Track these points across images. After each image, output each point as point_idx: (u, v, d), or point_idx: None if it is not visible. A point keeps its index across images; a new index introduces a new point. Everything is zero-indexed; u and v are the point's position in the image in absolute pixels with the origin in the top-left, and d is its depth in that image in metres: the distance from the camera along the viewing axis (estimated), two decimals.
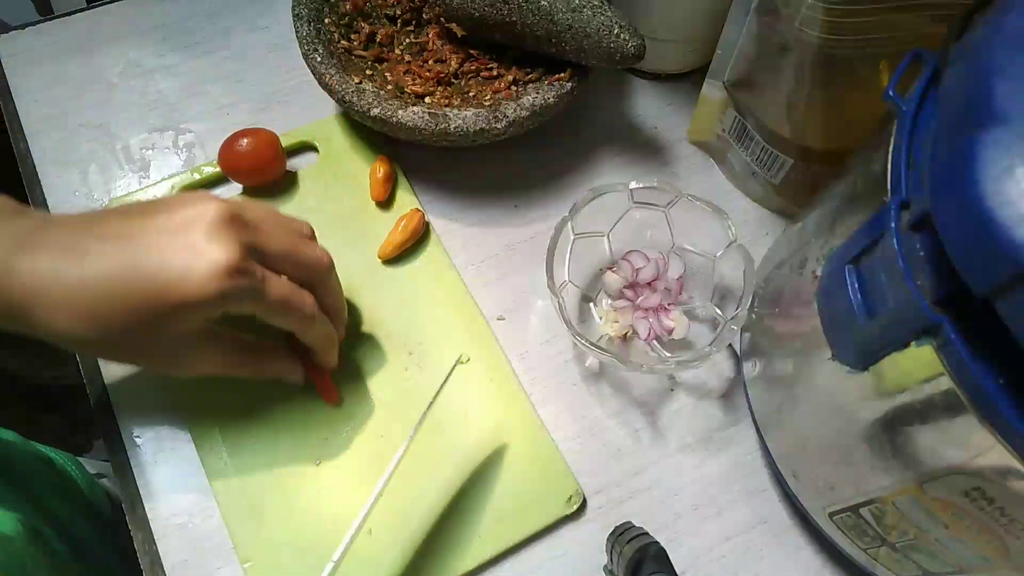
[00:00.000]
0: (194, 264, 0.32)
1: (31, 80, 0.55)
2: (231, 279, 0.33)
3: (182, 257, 0.33)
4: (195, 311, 0.33)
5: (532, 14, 0.46)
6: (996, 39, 0.24)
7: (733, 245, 0.44)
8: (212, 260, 0.32)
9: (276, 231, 0.37)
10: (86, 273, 0.32)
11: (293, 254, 0.37)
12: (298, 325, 0.37)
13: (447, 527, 0.41)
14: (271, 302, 0.35)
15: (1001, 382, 0.23)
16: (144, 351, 0.35)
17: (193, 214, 0.34)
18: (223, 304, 0.33)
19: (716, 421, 0.45)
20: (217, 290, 0.32)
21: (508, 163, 0.53)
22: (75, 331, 0.33)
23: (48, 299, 0.32)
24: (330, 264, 0.39)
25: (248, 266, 0.34)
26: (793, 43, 0.41)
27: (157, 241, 0.33)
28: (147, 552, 0.40)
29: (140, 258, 0.33)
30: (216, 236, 0.33)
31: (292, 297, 0.36)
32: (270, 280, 0.35)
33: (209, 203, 0.34)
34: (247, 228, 0.35)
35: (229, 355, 0.38)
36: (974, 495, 0.26)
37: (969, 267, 0.22)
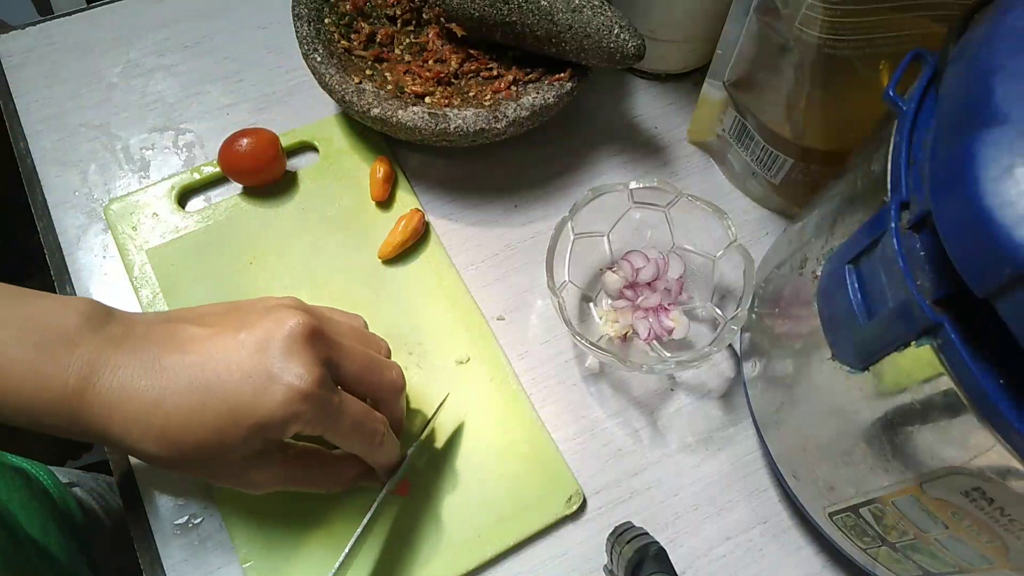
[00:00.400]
0: (272, 386, 0.31)
1: (31, 80, 0.55)
2: (308, 403, 0.32)
3: (260, 377, 0.32)
4: (269, 431, 0.32)
5: (532, 14, 0.46)
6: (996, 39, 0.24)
7: (733, 245, 0.44)
8: (289, 384, 0.31)
9: (355, 348, 0.36)
10: (163, 390, 0.32)
11: (370, 374, 0.36)
12: (366, 449, 0.36)
13: (447, 528, 0.41)
14: (344, 428, 0.34)
15: (1001, 382, 0.23)
16: (215, 469, 0.34)
17: (274, 327, 0.33)
18: (296, 426, 0.32)
19: (716, 421, 0.45)
20: (292, 412, 0.32)
21: (508, 163, 0.53)
22: (148, 449, 0.32)
23: (123, 416, 0.32)
24: (403, 387, 0.38)
25: (324, 392, 0.32)
26: (793, 43, 0.41)
27: (237, 358, 0.32)
28: (147, 552, 0.40)
29: (217, 376, 0.32)
30: (295, 356, 0.32)
31: (365, 421, 0.35)
32: (345, 402, 0.34)
33: (291, 316, 0.33)
34: (328, 345, 0.34)
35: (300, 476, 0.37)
36: (974, 495, 0.26)
37: (969, 267, 0.22)
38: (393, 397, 0.37)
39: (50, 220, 0.50)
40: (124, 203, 0.50)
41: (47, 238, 0.49)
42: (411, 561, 0.40)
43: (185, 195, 0.51)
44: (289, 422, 0.32)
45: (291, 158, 0.52)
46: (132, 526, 0.41)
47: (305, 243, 0.49)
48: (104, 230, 0.50)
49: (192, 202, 0.51)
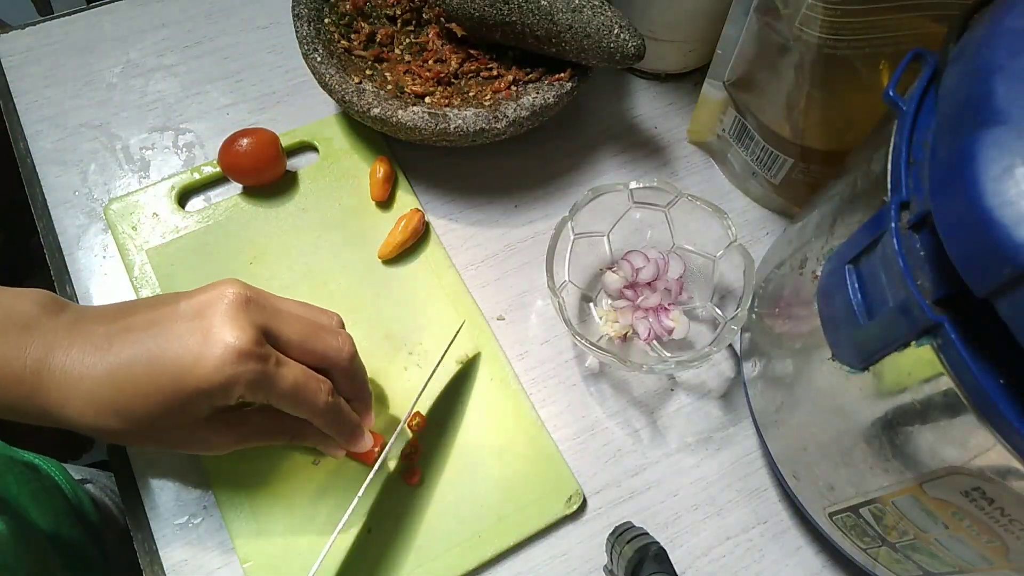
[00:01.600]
0: (206, 348, 0.33)
1: (31, 80, 0.55)
2: (243, 363, 0.32)
3: (196, 341, 0.33)
4: (209, 398, 0.33)
5: (532, 14, 0.46)
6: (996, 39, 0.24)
7: (733, 245, 0.44)
8: (224, 344, 0.32)
9: (295, 315, 0.36)
10: (110, 365, 0.33)
11: (312, 340, 0.36)
12: (311, 415, 0.36)
13: (447, 527, 0.41)
14: (282, 390, 0.34)
15: (1001, 382, 0.23)
16: (170, 438, 0.36)
17: (211, 297, 0.34)
18: (235, 389, 0.33)
19: (716, 421, 0.45)
20: (229, 375, 0.32)
21: (508, 163, 0.53)
22: (102, 423, 0.34)
23: (78, 394, 0.33)
24: (351, 354, 0.38)
25: (261, 351, 0.33)
26: (793, 43, 0.41)
27: (176, 327, 0.34)
28: (147, 552, 0.40)
29: (158, 346, 0.33)
30: (230, 319, 0.33)
31: (306, 386, 0.35)
32: (283, 366, 0.34)
33: (228, 286, 0.35)
34: (263, 311, 0.35)
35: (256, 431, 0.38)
36: (974, 495, 0.26)
37: (969, 267, 0.22)
38: (342, 363, 0.37)
39: (50, 220, 0.50)
40: (124, 203, 0.50)
41: (47, 238, 0.49)
42: (411, 560, 0.40)
43: (185, 195, 0.51)
44: (228, 385, 0.33)
45: (291, 158, 0.52)
46: (132, 526, 0.41)
47: (305, 243, 0.49)
48: (104, 230, 0.50)
49: (192, 202, 0.51)
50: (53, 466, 0.55)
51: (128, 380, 0.33)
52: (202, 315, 0.34)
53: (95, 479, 0.61)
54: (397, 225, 0.48)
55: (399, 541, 0.40)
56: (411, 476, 0.42)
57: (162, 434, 0.35)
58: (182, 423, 0.34)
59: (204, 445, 0.36)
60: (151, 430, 0.34)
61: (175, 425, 0.34)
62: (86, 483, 0.59)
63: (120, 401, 0.33)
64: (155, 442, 0.36)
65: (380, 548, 0.40)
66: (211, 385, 0.32)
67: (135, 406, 0.33)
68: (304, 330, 0.36)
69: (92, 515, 0.55)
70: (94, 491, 0.59)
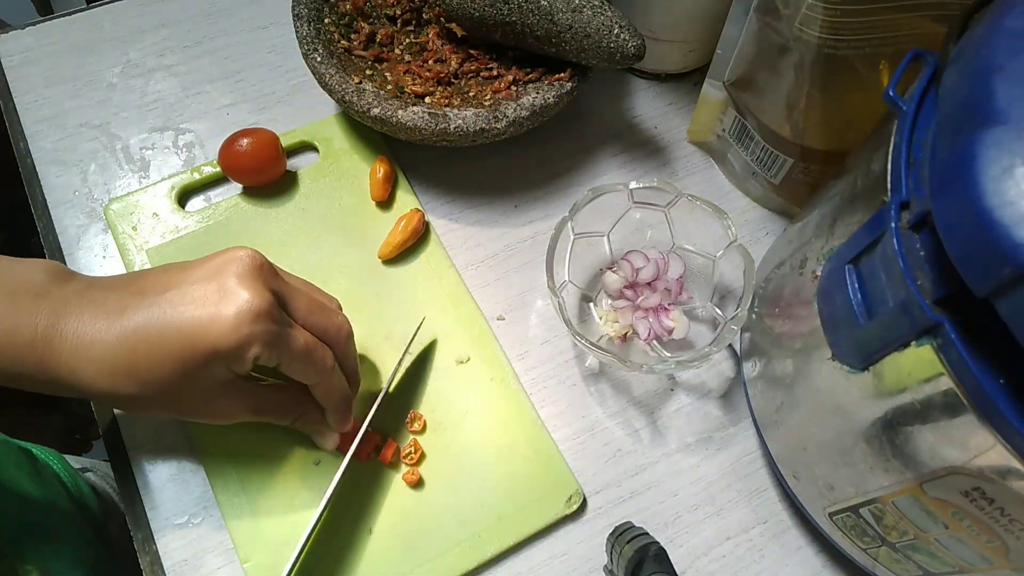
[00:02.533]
0: (223, 308, 0.33)
1: (31, 80, 0.55)
2: (259, 323, 0.33)
3: (212, 301, 0.33)
4: (225, 358, 0.33)
5: (532, 14, 0.46)
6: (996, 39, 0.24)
7: (733, 245, 0.44)
8: (240, 303, 0.33)
9: (302, 291, 0.38)
10: (123, 329, 0.33)
11: (317, 315, 0.37)
12: (316, 378, 0.37)
13: (447, 527, 0.41)
14: (295, 351, 0.35)
15: (1001, 382, 0.23)
16: (181, 403, 0.36)
17: (225, 260, 0.35)
18: (251, 349, 0.33)
19: (716, 421, 0.45)
20: (246, 334, 0.33)
21: (508, 163, 0.53)
22: (115, 388, 0.34)
23: (90, 359, 0.33)
24: (350, 332, 0.40)
25: (275, 312, 0.34)
26: (793, 43, 0.41)
27: (190, 290, 0.34)
28: (147, 552, 0.40)
29: (173, 308, 0.34)
30: (246, 280, 0.34)
31: (316, 348, 0.36)
32: (295, 328, 0.36)
33: (241, 250, 0.35)
34: (276, 278, 0.36)
35: (266, 402, 0.38)
36: (974, 495, 0.26)
37: (969, 267, 0.22)
38: (341, 340, 0.39)
39: (50, 220, 0.50)
40: (124, 203, 0.50)
41: (47, 238, 0.49)
42: (412, 560, 0.40)
43: (185, 195, 0.51)
44: (244, 343, 0.33)
45: (291, 158, 0.52)
46: (132, 526, 0.41)
47: (305, 243, 0.49)
48: (104, 230, 0.50)
49: (192, 202, 0.51)
50: (51, 455, 0.55)
51: (143, 343, 0.33)
52: (217, 277, 0.34)
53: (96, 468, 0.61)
54: (397, 225, 0.48)
55: (399, 541, 0.40)
56: (411, 477, 0.42)
57: (174, 399, 0.35)
58: (196, 387, 0.35)
59: (213, 411, 0.37)
60: (164, 394, 0.34)
61: (188, 389, 0.34)
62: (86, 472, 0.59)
63: (135, 364, 0.33)
64: (166, 408, 0.36)
65: (380, 548, 0.40)
66: (227, 345, 0.33)
67: (150, 369, 0.33)
68: (310, 305, 0.37)
69: (92, 503, 0.55)
70: (95, 479, 0.59)
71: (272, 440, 0.42)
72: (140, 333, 0.33)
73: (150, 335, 0.33)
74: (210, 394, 0.36)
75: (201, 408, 0.36)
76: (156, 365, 0.33)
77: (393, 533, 0.40)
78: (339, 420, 0.40)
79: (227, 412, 0.37)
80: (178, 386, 0.34)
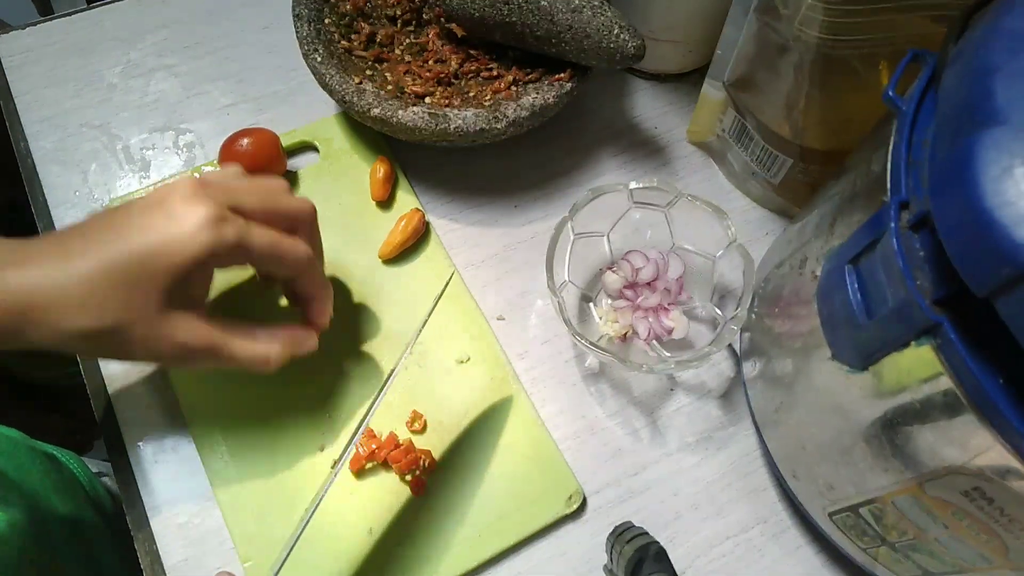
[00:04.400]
0: (177, 227, 0.33)
1: (31, 80, 0.55)
2: (215, 228, 0.33)
3: (163, 224, 0.33)
4: (190, 272, 0.33)
5: (532, 14, 0.46)
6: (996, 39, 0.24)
7: (733, 245, 0.44)
8: (193, 218, 0.33)
9: (249, 184, 0.38)
10: (78, 268, 0.33)
11: (272, 204, 0.38)
12: (295, 269, 0.37)
13: (447, 527, 0.41)
14: (261, 247, 0.35)
15: (1001, 382, 0.23)
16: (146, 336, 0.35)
17: (166, 189, 0.35)
18: (214, 258, 0.34)
19: (716, 421, 0.45)
20: (205, 243, 0.33)
21: (508, 163, 0.53)
22: (78, 325, 0.33)
23: (45, 302, 0.32)
24: (313, 209, 0.40)
25: (229, 216, 0.34)
26: (793, 43, 0.41)
27: (139, 221, 0.34)
28: (147, 552, 0.40)
29: (125, 239, 0.33)
30: (192, 199, 0.34)
31: (282, 241, 0.37)
32: (255, 228, 0.36)
33: (180, 178, 0.36)
34: (220, 189, 0.36)
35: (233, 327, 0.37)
36: (974, 495, 0.26)
37: (969, 267, 0.22)
38: (307, 217, 0.39)
39: (50, 220, 0.50)
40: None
41: None
42: (412, 560, 0.40)
43: None
44: (204, 255, 0.33)
45: (291, 158, 0.52)
46: (132, 525, 0.41)
47: None
48: None
49: None
50: (72, 459, 0.55)
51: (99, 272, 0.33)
52: (163, 203, 0.34)
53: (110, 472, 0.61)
54: (397, 225, 0.48)
55: (399, 541, 0.40)
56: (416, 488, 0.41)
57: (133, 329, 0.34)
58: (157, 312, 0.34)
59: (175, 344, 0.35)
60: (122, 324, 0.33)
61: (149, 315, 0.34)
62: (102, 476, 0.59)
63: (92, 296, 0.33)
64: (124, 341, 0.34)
65: (380, 548, 0.40)
66: (188, 257, 0.33)
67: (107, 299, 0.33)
68: (264, 196, 0.37)
69: (109, 507, 0.56)
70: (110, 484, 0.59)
71: (274, 439, 0.42)
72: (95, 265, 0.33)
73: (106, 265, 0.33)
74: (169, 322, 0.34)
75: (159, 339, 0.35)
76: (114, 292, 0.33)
77: (393, 533, 0.40)
78: (323, 306, 0.40)
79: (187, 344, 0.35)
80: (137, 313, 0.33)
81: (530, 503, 0.41)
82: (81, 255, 0.33)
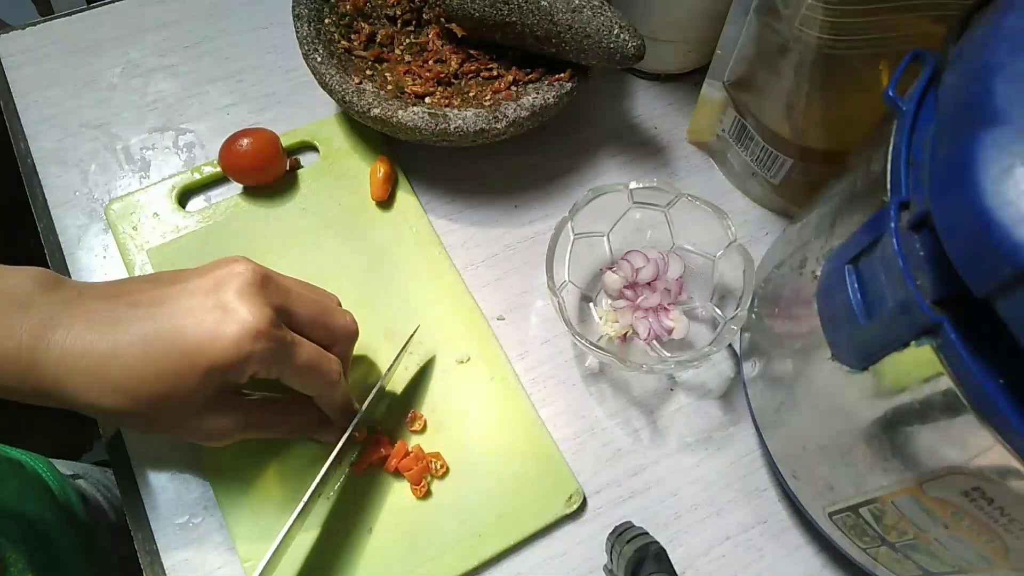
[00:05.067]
0: (224, 326, 0.32)
1: (31, 80, 0.55)
2: (261, 341, 0.32)
3: (212, 318, 0.32)
4: (223, 374, 0.33)
5: (532, 14, 0.46)
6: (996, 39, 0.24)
7: (733, 245, 0.44)
8: (242, 321, 0.32)
9: (305, 295, 0.37)
10: (117, 342, 0.32)
11: (323, 317, 0.37)
12: (322, 390, 0.37)
13: (447, 527, 0.41)
14: (298, 366, 0.34)
15: (1001, 382, 0.23)
16: (173, 420, 0.35)
17: (224, 274, 0.34)
18: (251, 366, 0.33)
19: (716, 421, 0.45)
20: (247, 352, 0.32)
21: (508, 163, 0.53)
22: (107, 402, 0.33)
23: (79, 371, 0.32)
24: (356, 331, 0.39)
25: (277, 329, 0.33)
26: (793, 43, 0.41)
27: (188, 304, 0.33)
28: (147, 552, 0.40)
29: (170, 322, 0.33)
30: (247, 297, 0.33)
31: (320, 361, 0.36)
32: (298, 343, 0.35)
33: (241, 264, 0.35)
34: (278, 290, 0.35)
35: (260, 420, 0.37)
36: (974, 495, 0.26)
37: (969, 267, 0.22)
38: (346, 341, 0.39)
39: (50, 220, 0.50)
40: (125, 203, 0.50)
41: (47, 238, 0.49)
42: (412, 560, 0.40)
43: (185, 195, 0.51)
44: (244, 361, 0.32)
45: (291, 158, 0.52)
46: (132, 526, 0.41)
47: (305, 243, 0.49)
48: (105, 230, 0.50)
49: (192, 202, 0.51)
50: (40, 462, 0.54)
51: (135, 358, 0.32)
52: (216, 291, 0.33)
53: (87, 474, 0.61)
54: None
55: (399, 541, 0.40)
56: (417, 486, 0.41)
57: (165, 415, 0.34)
58: (189, 404, 0.34)
59: (206, 430, 0.36)
60: (155, 411, 0.33)
61: (182, 405, 0.34)
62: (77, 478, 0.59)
63: (125, 380, 0.32)
64: (156, 424, 0.35)
65: (380, 547, 0.40)
66: (227, 361, 0.32)
67: (142, 385, 0.32)
68: (315, 309, 0.37)
69: (81, 511, 0.55)
70: (85, 486, 0.59)
71: (273, 441, 0.42)
72: (132, 348, 0.32)
73: (144, 350, 0.32)
74: (203, 411, 0.35)
75: (192, 426, 0.35)
76: (149, 381, 0.32)
77: (393, 533, 0.40)
78: (343, 424, 0.39)
79: (218, 430, 0.36)
80: (171, 402, 0.33)
81: (530, 503, 0.41)
82: (125, 326, 0.33)
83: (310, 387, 0.36)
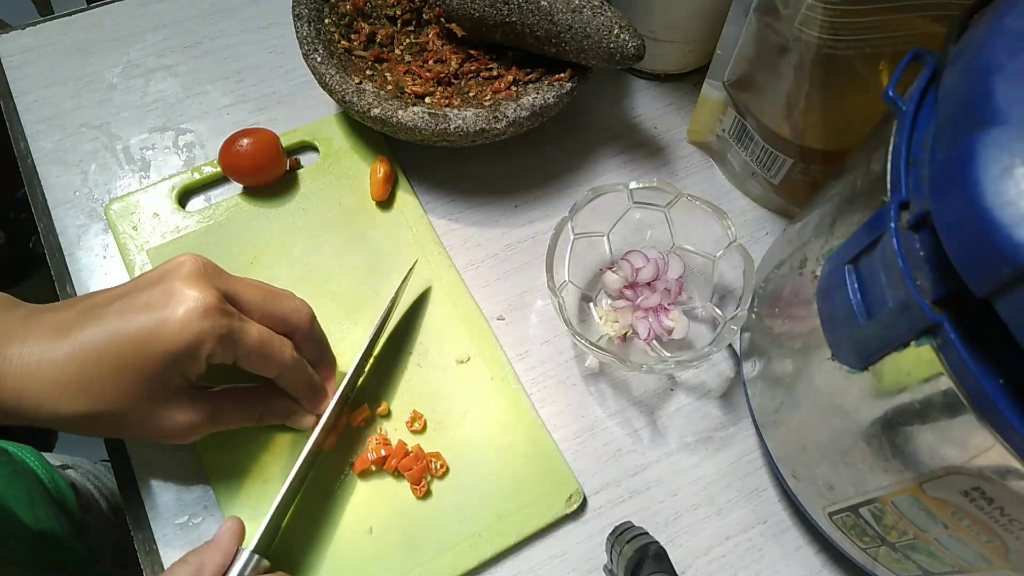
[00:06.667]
0: (171, 309, 0.33)
1: (31, 80, 0.55)
2: (209, 318, 0.33)
3: (160, 303, 0.33)
4: (177, 360, 0.33)
5: (532, 14, 0.46)
6: (996, 39, 0.24)
7: (733, 245, 0.44)
8: (189, 301, 0.33)
9: (252, 282, 0.38)
10: (72, 345, 0.33)
11: (270, 304, 0.38)
12: (277, 371, 0.37)
13: (447, 527, 0.41)
14: (249, 345, 0.35)
15: (1001, 382, 0.23)
16: (138, 418, 0.35)
17: (170, 266, 0.35)
18: (205, 347, 0.33)
19: (716, 421, 0.45)
20: (196, 330, 0.33)
21: (508, 163, 0.53)
22: (65, 407, 0.33)
23: (39, 380, 0.33)
24: (310, 315, 0.40)
25: (224, 307, 0.34)
26: (793, 43, 0.41)
27: (137, 299, 0.34)
28: (147, 552, 0.40)
29: (120, 319, 0.33)
30: (191, 280, 0.34)
31: (271, 341, 0.36)
32: (247, 324, 0.35)
33: (185, 256, 0.36)
34: (223, 276, 0.36)
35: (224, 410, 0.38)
36: (974, 495, 0.26)
37: (969, 267, 0.22)
38: (303, 323, 0.39)
39: (50, 220, 0.50)
40: (125, 203, 0.50)
41: (47, 238, 0.49)
42: (412, 560, 0.40)
43: (185, 195, 0.51)
44: (196, 341, 0.33)
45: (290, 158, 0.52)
46: (132, 526, 0.41)
47: (305, 243, 0.49)
48: (105, 230, 0.50)
49: (192, 202, 0.51)
50: (27, 452, 0.55)
51: (92, 357, 0.33)
52: (162, 282, 0.34)
53: (77, 464, 0.61)
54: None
55: (399, 541, 0.40)
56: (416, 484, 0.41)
57: (130, 415, 0.34)
58: (150, 398, 0.34)
59: (172, 426, 0.36)
60: (118, 410, 0.34)
61: (142, 401, 0.34)
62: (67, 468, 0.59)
63: (85, 381, 0.33)
64: (122, 426, 0.35)
65: (380, 548, 0.40)
66: (179, 345, 0.33)
67: (102, 383, 0.33)
68: (263, 295, 0.38)
69: (71, 500, 0.55)
70: (75, 476, 0.59)
71: (273, 438, 0.42)
72: (88, 347, 0.33)
73: (99, 348, 0.33)
74: (164, 406, 0.35)
75: (155, 423, 0.35)
76: (108, 377, 0.33)
77: (393, 533, 0.40)
78: (312, 407, 0.40)
79: (184, 424, 0.36)
80: (131, 399, 0.34)
81: (530, 503, 0.41)
82: (77, 331, 0.33)
83: (266, 368, 0.37)
